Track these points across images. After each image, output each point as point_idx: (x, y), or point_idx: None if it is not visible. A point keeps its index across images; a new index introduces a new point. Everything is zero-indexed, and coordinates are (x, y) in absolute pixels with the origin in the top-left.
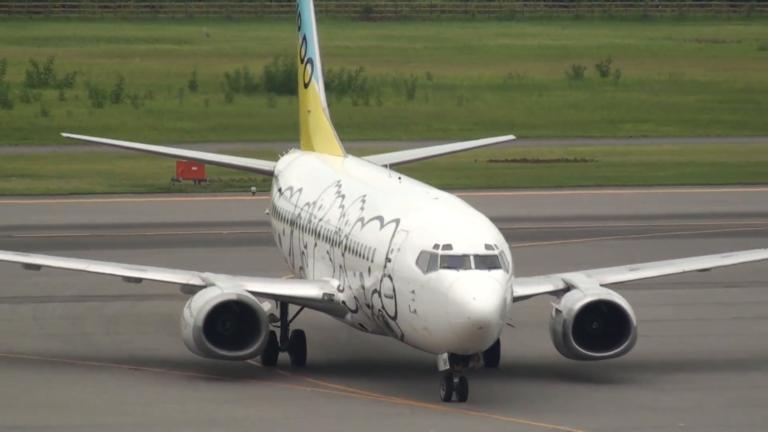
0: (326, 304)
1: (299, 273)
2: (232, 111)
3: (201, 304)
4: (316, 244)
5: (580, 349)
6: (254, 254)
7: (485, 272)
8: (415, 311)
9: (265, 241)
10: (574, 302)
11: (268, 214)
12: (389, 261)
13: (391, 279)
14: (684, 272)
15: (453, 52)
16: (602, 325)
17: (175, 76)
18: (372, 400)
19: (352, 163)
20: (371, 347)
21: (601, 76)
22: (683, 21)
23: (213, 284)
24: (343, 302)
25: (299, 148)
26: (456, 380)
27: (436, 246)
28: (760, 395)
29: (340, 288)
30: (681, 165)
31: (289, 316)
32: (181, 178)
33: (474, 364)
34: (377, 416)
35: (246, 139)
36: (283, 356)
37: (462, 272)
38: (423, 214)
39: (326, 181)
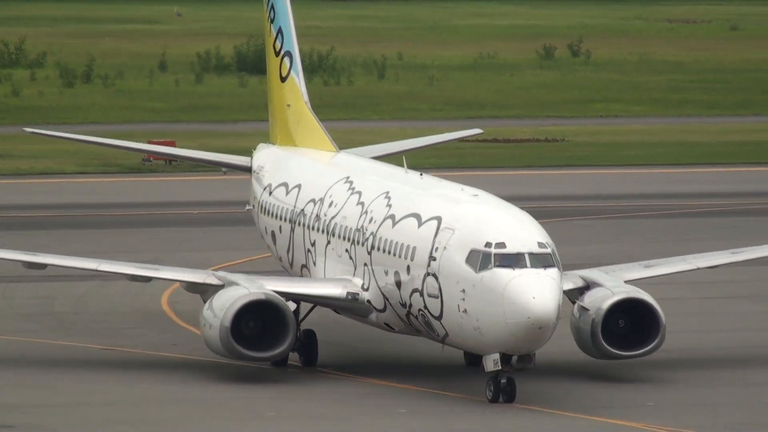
0: (349, 303)
1: (300, 271)
2: (202, 91)
3: (227, 303)
4: (329, 242)
5: (609, 348)
6: (225, 234)
7: (541, 271)
8: (465, 311)
9: (235, 220)
10: (602, 300)
11: (249, 210)
12: (434, 259)
13: (436, 278)
14: (698, 269)
15: (424, 32)
16: (628, 323)
17: (146, 56)
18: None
19: (353, 158)
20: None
21: (572, 56)
22: (654, 1)
23: (234, 283)
24: (368, 301)
25: (268, 142)
26: (503, 381)
27: (488, 244)
28: None
29: (365, 287)
30: (651, 145)
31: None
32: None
33: (526, 365)
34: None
35: (216, 119)
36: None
37: (518, 271)
38: (466, 211)
39: (330, 177)
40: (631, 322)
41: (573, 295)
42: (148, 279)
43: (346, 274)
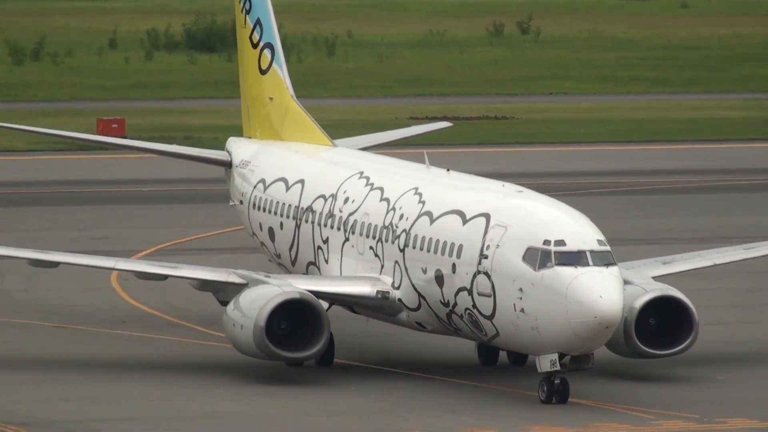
0: (379, 302)
1: (306, 269)
2: (152, 68)
3: (259, 302)
4: (347, 239)
5: (643, 347)
6: (175, 211)
7: (604, 269)
8: (522, 310)
9: (184, 198)
10: (634, 298)
11: (234, 205)
12: (485, 257)
13: (488, 276)
14: (715, 265)
15: (373, 9)
16: (658, 320)
17: (96, 34)
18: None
19: (357, 152)
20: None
21: (522, 33)
22: None
23: (262, 282)
24: (400, 300)
25: (242, 135)
26: (557, 381)
27: (547, 242)
28: None
29: (395, 285)
30: (601, 122)
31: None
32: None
33: (583, 365)
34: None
35: (166, 97)
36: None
37: (581, 269)
38: (517, 208)
39: (340, 172)
40: (661, 319)
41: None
42: (164, 277)
43: (370, 271)
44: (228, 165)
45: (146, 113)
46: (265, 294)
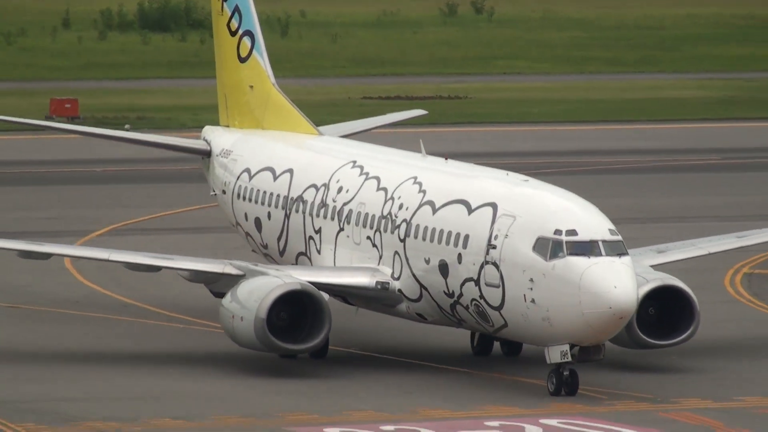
0: (378, 293)
1: (296, 259)
2: (105, 48)
3: (260, 294)
4: (342, 229)
5: (645, 337)
6: (129, 191)
7: (617, 259)
8: (533, 301)
9: (138, 178)
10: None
11: (214, 195)
12: (493, 247)
13: (497, 267)
14: (710, 254)
15: None
16: (659, 310)
17: (49, 14)
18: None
19: (346, 141)
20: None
21: (475, 13)
22: None
23: (261, 273)
24: (400, 290)
25: (218, 124)
26: (566, 373)
27: (558, 231)
28: None
29: (395, 275)
30: (554, 102)
31: None
32: (54, 116)
33: (594, 357)
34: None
35: (119, 77)
36: None
37: (594, 259)
38: (525, 197)
39: (331, 161)
40: (662, 309)
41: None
42: (158, 269)
43: (368, 262)
44: (206, 154)
45: (99, 93)
46: (265, 285)
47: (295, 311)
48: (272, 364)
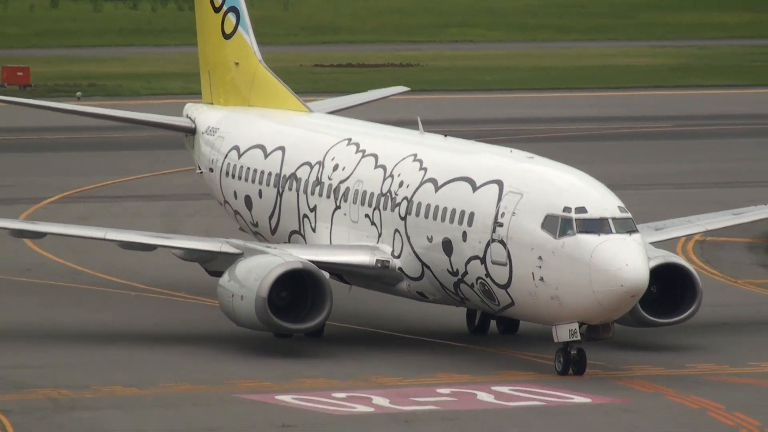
0: (378, 272)
1: (289, 238)
2: (57, 16)
3: (260, 273)
4: (338, 207)
5: (648, 316)
6: (80, 159)
7: (627, 236)
8: (541, 279)
9: (88, 145)
10: None
11: (201, 173)
12: (500, 225)
13: (504, 245)
14: (707, 231)
15: None
16: (660, 288)
17: None
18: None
19: (338, 118)
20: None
21: None
22: None
23: (260, 251)
24: (400, 269)
25: (202, 102)
26: (573, 352)
27: (567, 209)
28: None
29: (395, 254)
30: (507, 69)
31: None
32: (6, 84)
33: (604, 335)
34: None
35: (70, 45)
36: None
37: (604, 237)
38: (531, 174)
39: (325, 139)
40: (662, 287)
41: None
42: (153, 247)
43: (366, 240)
44: (191, 132)
45: (51, 61)
46: (266, 264)
47: (295, 290)
48: (223, 332)
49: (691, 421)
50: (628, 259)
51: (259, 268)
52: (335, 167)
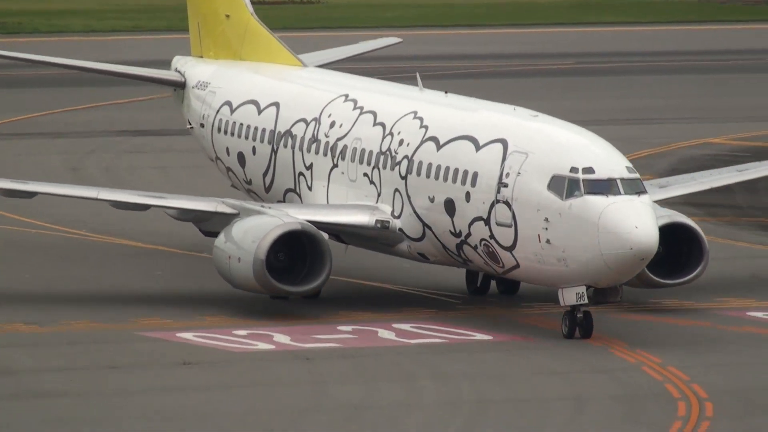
0: (378, 232)
1: (283, 196)
2: None
3: (258, 234)
4: (336, 165)
5: (654, 276)
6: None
7: (636, 198)
8: (548, 241)
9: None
10: None
11: (191, 128)
12: (504, 186)
13: (509, 206)
14: (712, 188)
15: None
16: (665, 248)
17: None
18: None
19: (334, 73)
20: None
21: None
22: None
23: (257, 212)
24: (401, 229)
25: (190, 54)
26: (580, 315)
27: (574, 169)
28: None
29: (395, 214)
30: (409, 6)
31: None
32: None
33: (611, 298)
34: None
35: None
36: None
37: (612, 198)
38: (537, 133)
39: (321, 95)
40: (669, 247)
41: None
42: (147, 207)
43: (364, 199)
44: (180, 86)
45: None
46: (263, 225)
47: (293, 252)
48: (124, 270)
49: (593, 358)
50: (638, 221)
51: (257, 229)
52: (332, 124)
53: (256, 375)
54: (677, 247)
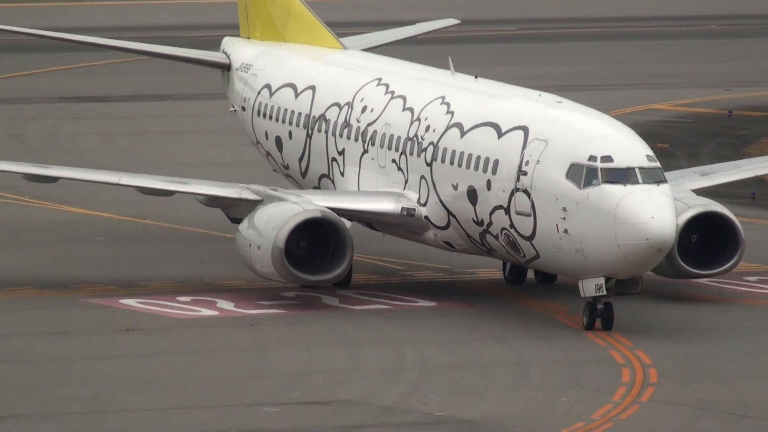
0: (403, 220)
1: (318, 182)
2: None
3: (278, 221)
4: (366, 151)
5: (686, 266)
6: None
7: (654, 187)
8: (566, 231)
9: None
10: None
11: (234, 111)
12: (524, 174)
13: (528, 194)
14: (756, 176)
15: None
16: (701, 238)
17: None
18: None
19: (372, 56)
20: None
21: None
22: None
23: (280, 198)
24: (426, 217)
25: (238, 35)
26: (600, 306)
27: (593, 158)
28: None
29: (421, 201)
30: None
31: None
32: None
33: (631, 290)
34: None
35: None
36: None
37: (630, 187)
38: (558, 120)
39: (356, 78)
40: (705, 237)
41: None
42: (171, 193)
43: (393, 186)
44: (226, 68)
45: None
46: (284, 212)
47: (315, 240)
48: (67, 236)
49: (535, 325)
50: (655, 211)
51: (277, 216)
52: (364, 109)
53: (199, 341)
54: (713, 237)
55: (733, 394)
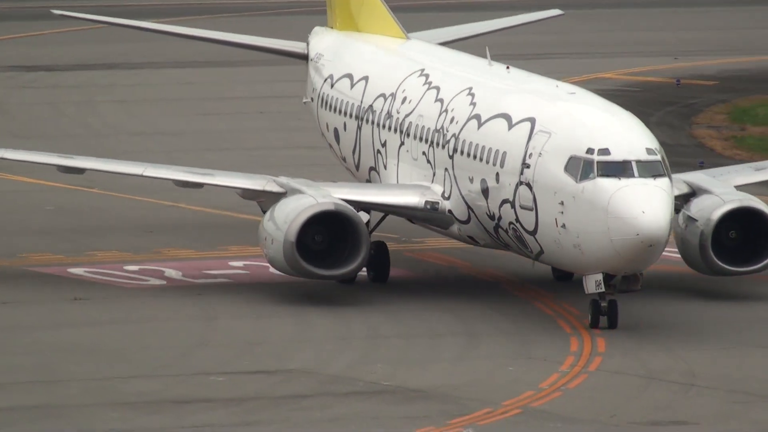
0: (428, 214)
1: (368, 174)
2: None
3: (291, 214)
4: (402, 143)
5: (720, 263)
6: None
7: (650, 181)
8: (563, 226)
9: None
10: (711, 209)
11: (306, 103)
12: (527, 167)
13: (530, 188)
14: None
15: None
16: (740, 234)
17: None
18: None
19: (425, 47)
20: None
21: None
22: None
23: (299, 191)
24: (450, 211)
25: (325, 26)
26: (604, 304)
27: (590, 150)
28: None
29: (445, 195)
30: None
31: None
32: None
33: (632, 287)
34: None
35: None
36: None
37: (624, 181)
38: (563, 112)
39: (402, 68)
40: (743, 233)
41: (678, 203)
42: (200, 185)
43: (423, 179)
44: (304, 58)
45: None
46: (297, 206)
47: (335, 234)
48: (13, 206)
49: (483, 294)
50: (646, 206)
51: (291, 210)
52: (404, 100)
53: (147, 310)
54: (750, 233)
55: (681, 363)
